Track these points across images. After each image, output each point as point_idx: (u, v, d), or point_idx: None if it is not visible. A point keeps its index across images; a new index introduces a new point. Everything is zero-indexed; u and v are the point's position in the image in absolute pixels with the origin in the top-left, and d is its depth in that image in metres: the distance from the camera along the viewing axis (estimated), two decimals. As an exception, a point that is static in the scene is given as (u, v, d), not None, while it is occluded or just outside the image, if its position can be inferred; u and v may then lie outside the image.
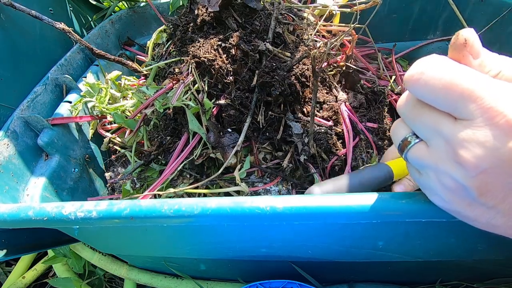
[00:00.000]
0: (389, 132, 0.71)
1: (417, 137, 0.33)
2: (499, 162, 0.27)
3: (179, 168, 0.62)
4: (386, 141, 0.70)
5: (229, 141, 0.62)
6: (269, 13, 0.67)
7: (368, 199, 0.38)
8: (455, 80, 0.28)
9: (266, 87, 0.62)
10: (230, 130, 0.64)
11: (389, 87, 0.80)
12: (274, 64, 0.61)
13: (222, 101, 0.63)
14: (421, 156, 0.32)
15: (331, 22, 0.78)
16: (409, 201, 0.37)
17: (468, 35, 0.29)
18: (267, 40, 0.64)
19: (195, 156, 0.62)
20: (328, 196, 0.39)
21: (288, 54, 0.64)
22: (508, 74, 0.29)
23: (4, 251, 0.59)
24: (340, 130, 0.66)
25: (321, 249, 0.54)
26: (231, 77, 0.63)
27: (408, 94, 0.33)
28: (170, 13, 0.98)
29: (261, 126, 0.63)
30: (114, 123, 0.80)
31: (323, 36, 0.77)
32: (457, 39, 0.29)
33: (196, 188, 0.61)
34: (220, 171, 0.60)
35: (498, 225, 0.31)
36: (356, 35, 0.74)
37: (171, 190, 0.60)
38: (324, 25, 0.76)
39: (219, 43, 0.64)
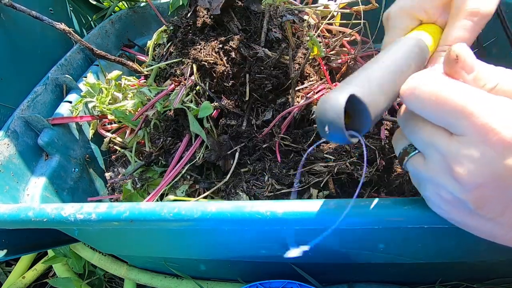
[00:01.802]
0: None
1: (416, 148, 0.33)
2: (494, 178, 0.27)
3: (183, 172, 0.62)
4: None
5: (227, 148, 0.62)
6: (269, 15, 0.66)
7: (370, 205, 0.38)
8: (447, 95, 0.27)
9: (258, 89, 0.63)
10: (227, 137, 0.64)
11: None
12: (263, 67, 0.62)
13: (223, 102, 0.64)
14: (419, 167, 0.32)
15: (333, 20, 0.77)
16: (411, 207, 0.37)
17: (459, 50, 0.28)
18: (261, 44, 0.64)
19: (198, 158, 0.62)
20: (329, 201, 0.39)
21: (287, 57, 0.64)
22: (506, 87, 0.28)
23: (4, 251, 0.59)
24: None
25: (322, 251, 0.54)
26: (230, 81, 0.63)
27: (405, 107, 0.33)
28: (170, 13, 0.98)
29: (255, 128, 0.64)
30: (115, 123, 0.80)
31: (324, 37, 0.77)
32: (449, 55, 0.28)
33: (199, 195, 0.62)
34: (223, 182, 0.60)
35: (497, 236, 0.31)
36: (358, 35, 0.74)
37: (171, 197, 0.60)
38: (325, 26, 0.76)
39: (220, 45, 0.64)
